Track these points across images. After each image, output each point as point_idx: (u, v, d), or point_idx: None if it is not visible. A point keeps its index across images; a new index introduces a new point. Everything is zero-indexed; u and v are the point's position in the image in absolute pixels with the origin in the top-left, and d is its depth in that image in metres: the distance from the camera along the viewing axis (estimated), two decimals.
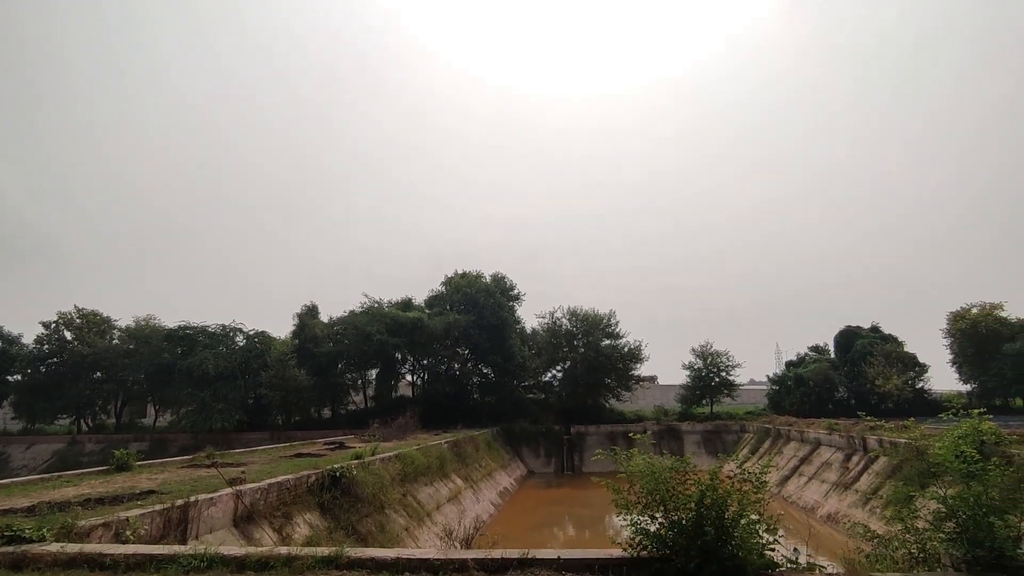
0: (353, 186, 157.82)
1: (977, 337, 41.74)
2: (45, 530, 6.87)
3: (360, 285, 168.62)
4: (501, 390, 46.01)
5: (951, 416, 8.92)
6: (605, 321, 45.93)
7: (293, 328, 45.75)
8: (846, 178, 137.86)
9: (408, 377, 49.00)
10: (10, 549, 6.26)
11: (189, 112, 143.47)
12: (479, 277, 48.82)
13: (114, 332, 48.84)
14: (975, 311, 43.09)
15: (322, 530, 12.04)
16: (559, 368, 46.54)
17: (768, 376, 52.56)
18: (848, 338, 46.13)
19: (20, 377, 46.09)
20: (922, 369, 42.43)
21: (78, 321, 47.31)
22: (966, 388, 44.00)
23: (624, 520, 5.73)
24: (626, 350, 45.36)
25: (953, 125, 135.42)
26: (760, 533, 5.33)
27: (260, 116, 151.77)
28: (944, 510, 5.66)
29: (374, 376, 47.06)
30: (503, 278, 49.27)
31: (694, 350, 48.95)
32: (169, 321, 47.22)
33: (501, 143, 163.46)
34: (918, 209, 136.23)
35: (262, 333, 45.91)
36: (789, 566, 5.43)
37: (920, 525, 6.21)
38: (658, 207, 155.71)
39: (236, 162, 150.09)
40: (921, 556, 5.93)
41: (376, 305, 45.77)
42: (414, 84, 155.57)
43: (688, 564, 5.01)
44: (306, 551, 6.00)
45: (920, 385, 42.11)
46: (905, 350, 43.18)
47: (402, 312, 44.37)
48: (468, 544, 8.38)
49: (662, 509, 5.43)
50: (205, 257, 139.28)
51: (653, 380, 63.44)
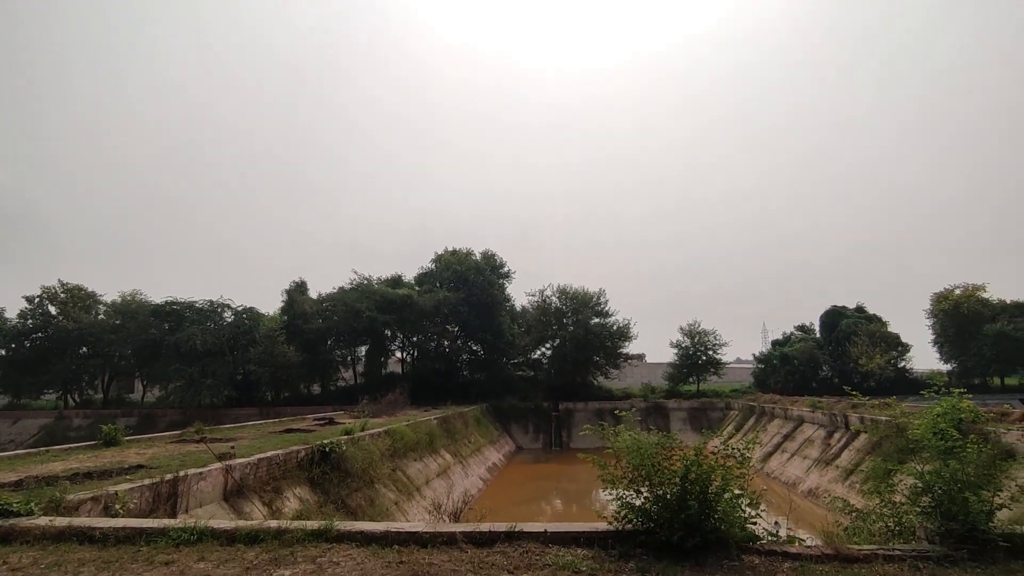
0: (344, 158, 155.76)
1: (959, 318, 42.60)
2: (33, 504, 6.80)
3: (350, 261, 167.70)
4: (490, 367, 46.20)
5: (933, 394, 9.13)
6: (595, 299, 46.14)
7: (282, 304, 45.47)
8: (835, 159, 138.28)
9: (398, 354, 49.09)
10: None
11: (175, 82, 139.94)
12: (469, 255, 48.64)
13: (99, 307, 48.39)
14: (958, 292, 43.92)
15: (312, 504, 12.13)
16: (548, 346, 46.69)
17: (754, 355, 53.36)
18: (833, 318, 46.77)
19: (4, 352, 45.52)
20: (905, 348, 43.19)
21: (62, 296, 46.82)
22: (947, 367, 44.95)
23: (610, 495, 5.82)
24: (615, 328, 45.60)
25: (941, 108, 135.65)
26: (742, 507, 5.46)
27: (249, 88, 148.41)
28: (920, 485, 5.80)
29: (364, 353, 47.07)
30: (493, 255, 49.09)
31: (682, 329, 49.49)
32: (155, 297, 46.80)
33: (496, 117, 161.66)
34: (905, 191, 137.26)
35: (250, 309, 45.59)
36: (770, 539, 5.58)
37: (897, 499, 6.38)
38: (649, 184, 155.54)
39: (223, 133, 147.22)
40: (897, 529, 6.10)
41: (366, 282, 45.54)
42: (406, 56, 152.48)
43: (672, 537, 5.11)
44: (296, 524, 6.03)
45: (902, 364, 42.88)
46: (889, 330, 43.87)
47: (392, 289, 44.19)
48: (457, 518, 8.51)
49: (647, 484, 5.51)
50: (191, 232, 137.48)
51: (641, 358, 64.06)
